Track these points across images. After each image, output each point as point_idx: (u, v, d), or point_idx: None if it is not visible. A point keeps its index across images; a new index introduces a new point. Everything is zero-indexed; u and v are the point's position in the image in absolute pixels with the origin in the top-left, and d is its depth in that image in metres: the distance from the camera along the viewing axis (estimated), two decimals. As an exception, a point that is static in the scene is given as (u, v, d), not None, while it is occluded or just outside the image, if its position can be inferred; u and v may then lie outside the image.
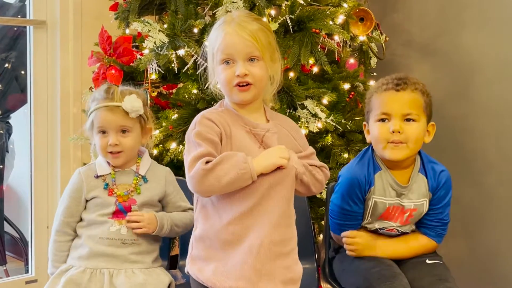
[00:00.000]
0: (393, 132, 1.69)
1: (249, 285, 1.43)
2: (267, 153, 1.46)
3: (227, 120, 1.50)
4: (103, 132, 1.70)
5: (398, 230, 1.80)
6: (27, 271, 2.77)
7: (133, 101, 1.69)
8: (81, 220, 1.73)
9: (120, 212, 1.69)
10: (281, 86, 1.63)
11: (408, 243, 1.80)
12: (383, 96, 1.73)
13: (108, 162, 1.74)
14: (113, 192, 1.70)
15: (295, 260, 1.53)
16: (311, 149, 1.60)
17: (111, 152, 1.69)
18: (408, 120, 1.70)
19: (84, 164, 1.95)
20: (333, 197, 1.82)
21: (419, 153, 1.81)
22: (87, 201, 1.73)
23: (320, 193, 2.11)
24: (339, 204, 1.78)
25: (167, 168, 1.83)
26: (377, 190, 1.75)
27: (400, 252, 1.79)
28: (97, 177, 1.73)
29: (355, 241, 1.77)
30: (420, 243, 1.80)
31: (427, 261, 1.75)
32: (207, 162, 1.42)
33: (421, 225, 1.82)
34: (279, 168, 1.45)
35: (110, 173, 1.73)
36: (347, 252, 1.79)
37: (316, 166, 1.56)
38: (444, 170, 1.80)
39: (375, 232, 1.82)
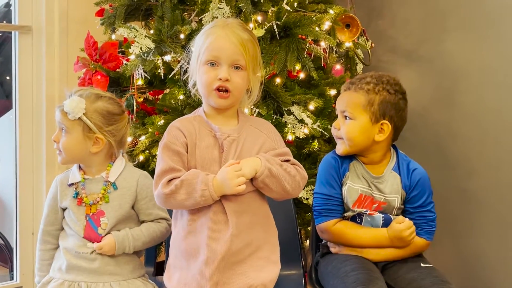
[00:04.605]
0: (335, 128, 1.86)
1: None
2: (225, 180, 1.43)
3: (195, 127, 1.52)
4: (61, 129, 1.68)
5: (380, 212, 1.81)
6: (12, 278, 2.74)
7: (70, 103, 1.62)
8: (63, 229, 1.72)
9: (91, 229, 1.65)
10: (258, 100, 1.65)
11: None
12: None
13: (80, 169, 1.71)
14: (82, 202, 1.67)
15: (256, 267, 1.50)
16: (286, 149, 1.57)
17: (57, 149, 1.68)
18: (346, 117, 1.82)
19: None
20: (314, 188, 1.88)
21: (396, 152, 1.86)
22: (63, 210, 1.70)
23: (307, 198, 2.12)
24: (319, 190, 1.85)
25: (143, 172, 1.74)
26: (351, 176, 1.83)
27: (391, 253, 1.80)
28: (70, 185, 1.70)
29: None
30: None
31: (422, 265, 1.77)
32: (170, 181, 1.45)
33: None
34: None
35: (80, 181, 1.69)
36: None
37: (288, 162, 1.53)
38: (417, 168, 1.84)
39: (354, 220, 1.83)
